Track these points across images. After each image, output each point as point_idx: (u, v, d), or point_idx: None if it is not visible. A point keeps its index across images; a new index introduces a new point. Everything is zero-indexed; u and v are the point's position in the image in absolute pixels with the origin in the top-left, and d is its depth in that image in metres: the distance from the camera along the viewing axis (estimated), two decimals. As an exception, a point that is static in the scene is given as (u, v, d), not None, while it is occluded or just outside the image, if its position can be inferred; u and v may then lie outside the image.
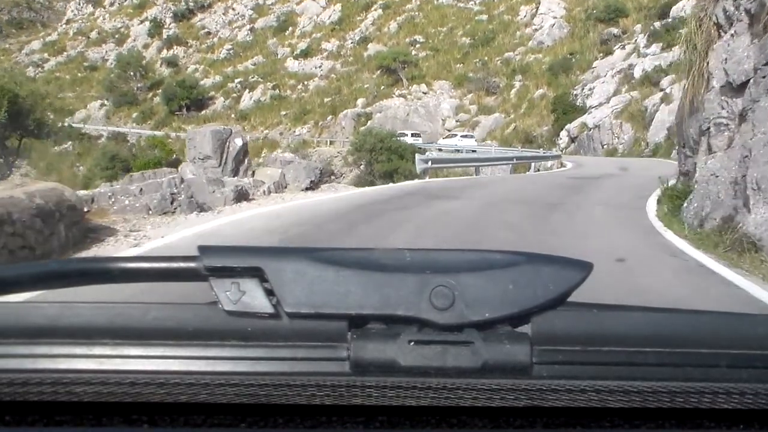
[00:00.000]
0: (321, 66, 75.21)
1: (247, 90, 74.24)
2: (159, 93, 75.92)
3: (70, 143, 60.20)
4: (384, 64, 66.66)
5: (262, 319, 0.71)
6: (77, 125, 66.70)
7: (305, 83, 72.55)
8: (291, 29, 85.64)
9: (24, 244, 7.10)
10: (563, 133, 49.05)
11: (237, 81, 76.44)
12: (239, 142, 18.11)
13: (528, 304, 0.71)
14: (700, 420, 0.75)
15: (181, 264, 0.74)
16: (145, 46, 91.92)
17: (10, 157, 23.87)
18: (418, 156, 24.06)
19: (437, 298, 0.70)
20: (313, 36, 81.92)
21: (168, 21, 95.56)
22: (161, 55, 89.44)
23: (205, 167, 16.51)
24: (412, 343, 0.70)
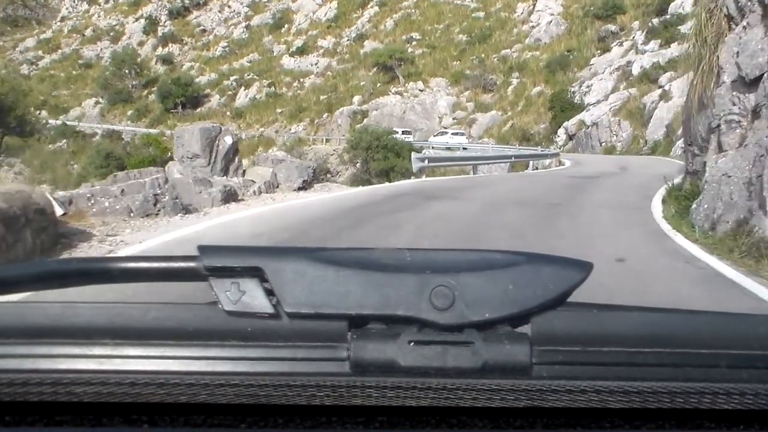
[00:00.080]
0: (317, 63, 74.97)
1: (243, 87, 73.96)
2: (154, 91, 75.57)
3: (64, 141, 60.13)
4: (380, 61, 66.40)
5: (262, 319, 0.71)
6: (72, 123, 66.85)
7: (301, 81, 72.31)
8: (287, 26, 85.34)
9: (-17, 252, 6.58)
10: (561, 131, 48.70)
11: (232, 78, 76.20)
12: (229, 140, 17.57)
13: (528, 304, 0.71)
14: (700, 420, 0.75)
15: (181, 264, 0.75)
16: (141, 43, 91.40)
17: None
18: (414, 155, 23.48)
19: (437, 298, 0.70)
20: (309, 33, 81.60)
21: (163, 18, 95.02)
22: (156, 53, 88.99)
23: (194, 166, 16.00)
24: (412, 344, 0.70)
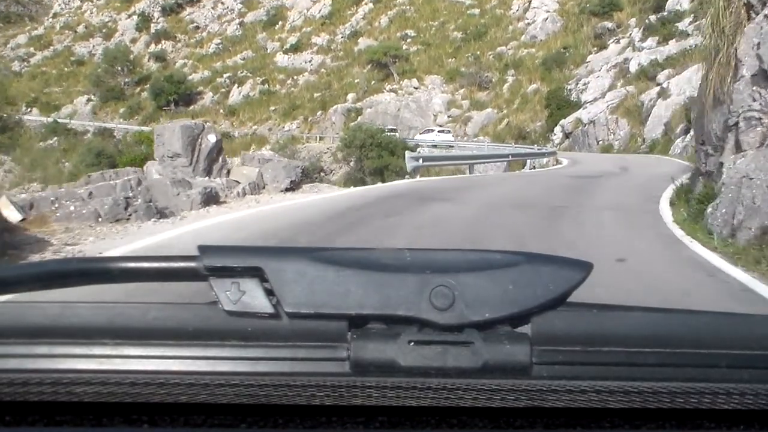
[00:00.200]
0: (311, 60, 74.63)
1: (236, 85, 73.74)
2: (147, 88, 75.14)
3: (55, 139, 59.61)
4: (375, 58, 66.13)
5: (262, 319, 0.71)
6: (63, 120, 66.33)
7: (295, 78, 71.96)
8: (281, 23, 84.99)
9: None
10: (557, 129, 48.12)
11: (226, 76, 75.97)
12: (212, 138, 16.74)
13: (528, 304, 0.71)
14: (700, 420, 0.75)
15: (181, 264, 0.75)
16: (133, 40, 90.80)
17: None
18: (408, 154, 22.60)
19: (437, 298, 0.70)
20: (303, 30, 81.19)
21: (156, 15, 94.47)
22: (149, 50, 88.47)
23: (175, 166, 15.21)
24: (412, 344, 0.70)
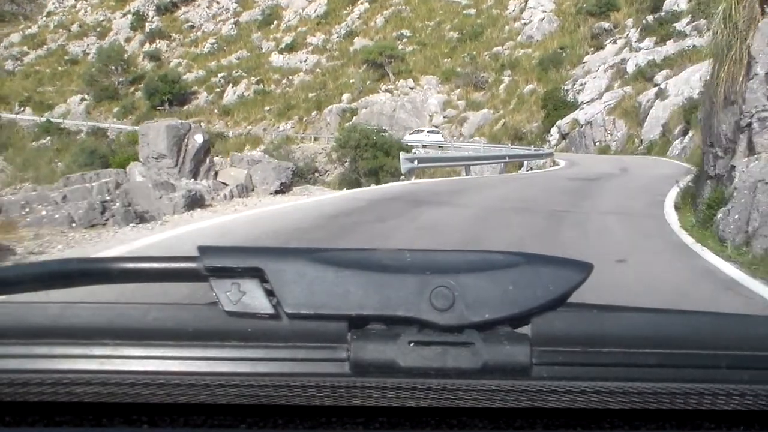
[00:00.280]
0: (306, 60, 74.18)
1: (231, 85, 73.18)
2: (141, 87, 74.39)
3: (48, 138, 59.32)
4: (370, 58, 65.55)
5: (262, 320, 0.71)
6: (56, 120, 65.96)
7: (290, 78, 71.49)
8: (276, 23, 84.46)
9: None
10: (554, 130, 47.73)
11: (220, 75, 75.39)
12: (199, 138, 16.04)
13: (528, 304, 0.71)
14: (700, 421, 0.76)
15: (182, 264, 0.75)
16: (128, 39, 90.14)
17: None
18: (402, 155, 22.07)
19: (437, 298, 0.70)
20: (299, 30, 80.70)
21: (151, 14, 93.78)
22: (144, 49, 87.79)
23: (160, 168, 14.59)
24: (412, 344, 0.70)
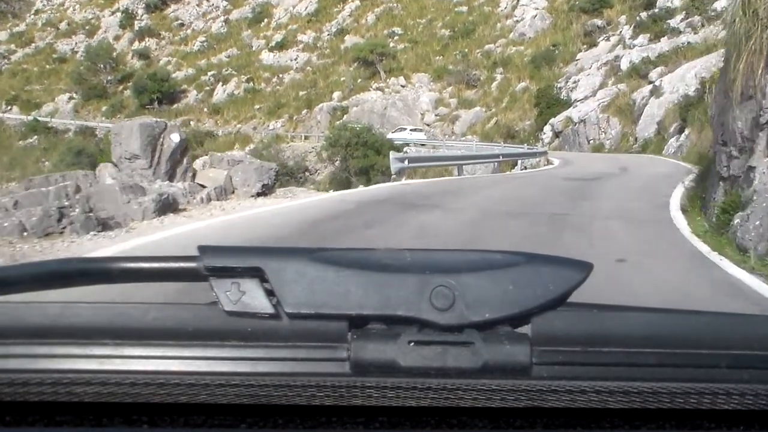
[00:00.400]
0: (297, 58, 73.92)
1: (221, 83, 72.98)
2: (130, 86, 74.05)
3: (35, 137, 58.86)
4: (361, 56, 65.27)
5: (262, 320, 0.71)
6: (44, 119, 65.48)
7: (280, 76, 71.13)
8: (266, 21, 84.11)
9: None
10: (547, 128, 47.31)
11: (210, 74, 75.15)
12: (176, 138, 15.27)
13: (528, 304, 0.72)
14: (700, 421, 0.76)
15: (182, 264, 0.75)
16: (117, 37, 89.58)
17: None
18: (392, 154, 21.39)
19: (437, 298, 0.71)
20: (289, 28, 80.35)
21: (140, 12, 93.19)
22: (133, 47, 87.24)
23: (133, 169, 13.88)
24: (412, 344, 0.71)
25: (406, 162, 21.47)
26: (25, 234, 8.65)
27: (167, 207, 11.52)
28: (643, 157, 32.74)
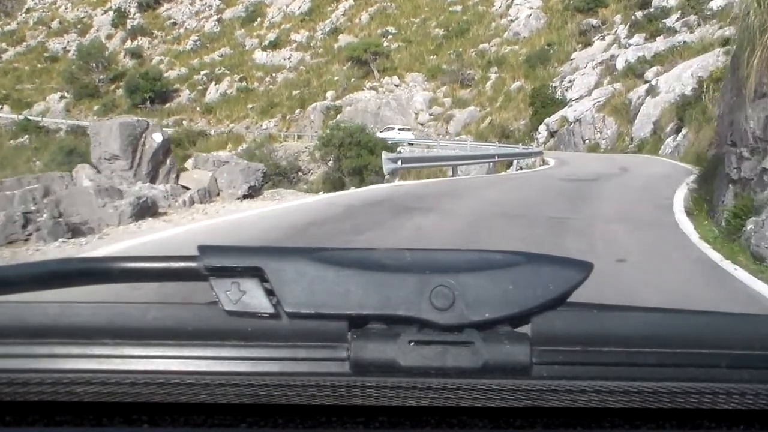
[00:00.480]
0: (290, 58, 73.79)
1: (214, 82, 72.95)
2: (122, 85, 73.80)
3: (26, 137, 58.49)
4: (355, 55, 65.02)
5: (262, 319, 0.72)
6: (35, 118, 65.06)
7: (273, 75, 70.95)
8: (259, 20, 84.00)
9: None
10: (542, 128, 46.91)
11: (203, 73, 75.13)
12: (158, 138, 14.71)
13: (528, 304, 0.72)
14: (700, 420, 0.76)
15: (182, 264, 0.75)
16: (109, 36, 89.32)
17: None
18: (385, 155, 20.85)
19: (437, 298, 0.71)
20: (283, 27, 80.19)
21: (132, 11, 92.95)
22: (125, 46, 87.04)
23: (113, 170, 13.38)
24: (412, 344, 0.71)
25: (399, 163, 21.00)
26: (-15, 242, 8.02)
27: (146, 211, 11.00)
28: (640, 157, 32.39)
